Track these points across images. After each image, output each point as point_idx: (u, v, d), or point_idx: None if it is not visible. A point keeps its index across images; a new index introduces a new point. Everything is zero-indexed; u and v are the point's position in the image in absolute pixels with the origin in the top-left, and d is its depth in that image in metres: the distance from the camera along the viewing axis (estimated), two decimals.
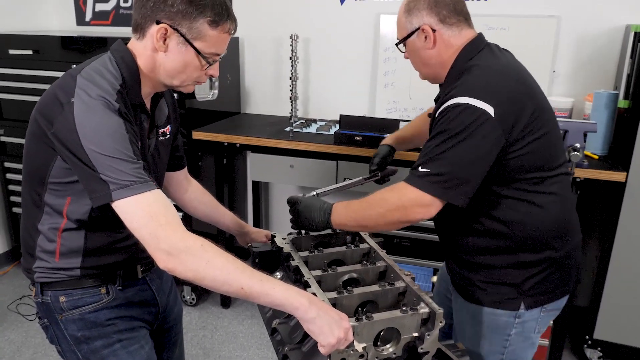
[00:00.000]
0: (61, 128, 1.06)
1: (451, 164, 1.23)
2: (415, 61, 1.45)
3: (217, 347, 2.72)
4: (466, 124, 1.22)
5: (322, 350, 1.04)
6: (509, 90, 1.27)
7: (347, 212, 1.37)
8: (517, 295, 1.38)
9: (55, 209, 1.18)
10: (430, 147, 1.26)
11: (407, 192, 1.26)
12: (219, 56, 1.19)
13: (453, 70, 1.37)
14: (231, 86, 3.10)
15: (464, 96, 1.24)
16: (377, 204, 1.31)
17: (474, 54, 1.35)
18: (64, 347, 1.28)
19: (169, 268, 1.02)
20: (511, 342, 1.43)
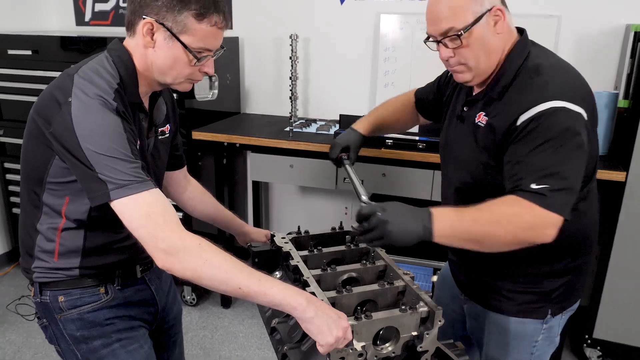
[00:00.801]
0: (59, 128, 1.06)
1: (569, 176, 1.14)
2: (477, 53, 1.23)
3: (218, 346, 2.72)
4: (571, 129, 1.13)
5: (321, 349, 1.04)
6: (589, 93, 1.22)
7: (461, 224, 1.14)
8: (544, 304, 1.37)
9: (53, 209, 1.18)
10: (540, 160, 1.13)
11: (538, 211, 1.11)
12: (210, 52, 1.17)
13: (508, 66, 1.25)
14: (231, 86, 3.10)
15: (557, 100, 1.14)
16: (507, 221, 1.13)
17: (529, 50, 1.26)
18: (63, 346, 1.28)
19: (167, 267, 1.02)
20: (538, 347, 1.42)
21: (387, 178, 2.55)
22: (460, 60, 1.25)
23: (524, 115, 1.17)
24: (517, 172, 1.16)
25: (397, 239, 1.12)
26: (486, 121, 1.28)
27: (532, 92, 1.18)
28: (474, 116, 1.32)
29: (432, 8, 1.25)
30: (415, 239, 1.12)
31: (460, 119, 1.38)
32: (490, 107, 1.28)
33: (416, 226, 1.12)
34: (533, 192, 1.12)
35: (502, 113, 1.24)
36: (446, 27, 1.21)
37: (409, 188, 2.53)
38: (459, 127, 1.39)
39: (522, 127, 1.17)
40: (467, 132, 1.34)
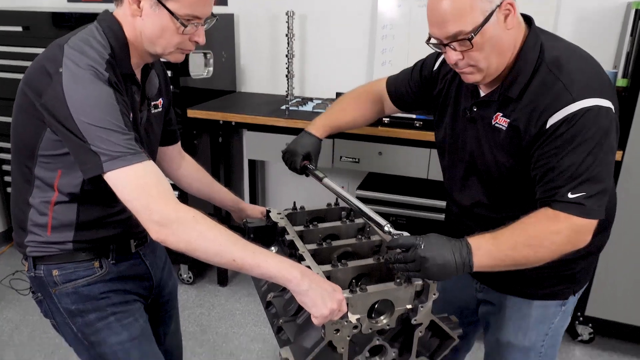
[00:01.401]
0: (50, 99, 1.04)
1: (604, 178, 1.12)
2: (489, 54, 1.14)
3: (214, 324, 2.73)
4: (604, 128, 1.09)
5: (315, 321, 1.04)
6: (608, 79, 1.17)
7: (500, 253, 1.12)
8: (569, 285, 1.37)
9: (46, 182, 1.17)
10: (574, 165, 1.10)
11: (577, 222, 1.11)
12: (199, 20, 1.15)
13: (524, 63, 1.17)
14: (226, 64, 3.07)
15: (586, 98, 1.09)
16: (549, 241, 1.11)
17: (540, 42, 1.18)
18: (58, 320, 1.28)
19: (161, 239, 1.02)
20: (553, 328, 1.43)
21: (383, 157, 2.54)
22: (469, 62, 1.16)
23: (554, 117, 1.11)
24: (551, 180, 1.13)
25: (434, 276, 1.11)
26: (507, 123, 1.20)
27: (559, 91, 1.12)
28: (490, 118, 1.24)
29: (434, 8, 1.12)
30: (452, 275, 1.11)
31: (471, 120, 1.30)
32: (509, 108, 1.21)
33: (454, 263, 1.10)
34: (570, 202, 1.10)
35: (526, 115, 1.16)
36: (453, 30, 1.10)
37: (406, 166, 2.53)
38: (470, 129, 1.31)
39: (553, 131, 1.11)
40: (482, 135, 1.27)
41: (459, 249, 1.11)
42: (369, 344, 1.16)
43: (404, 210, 2.58)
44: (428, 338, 1.24)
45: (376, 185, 2.71)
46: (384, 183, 2.73)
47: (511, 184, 1.26)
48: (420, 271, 1.10)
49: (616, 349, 2.60)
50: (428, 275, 1.11)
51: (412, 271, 1.11)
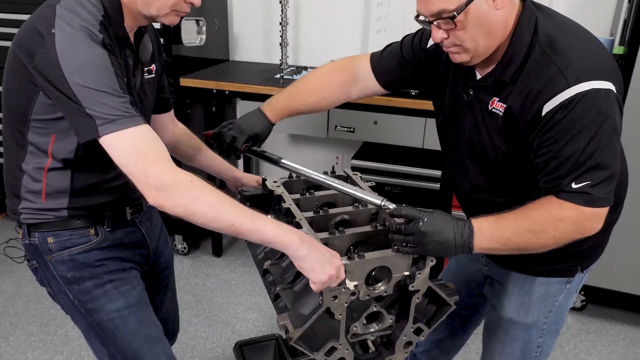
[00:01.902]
0: (42, 61, 1.01)
1: (609, 163, 1.07)
2: (475, 34, 1.09)
3: (209, 294, 2.75)
4: (604, 112, 1.04)
5: (314, 287, 1.04)
6: (609, 57, 1.12)
7: (500, 235, 1.11)
8: (576, 262, 1.34)
9: (39, 148, 1.15)
10: (576, 153, 1.06)
11: (583, 211, 1.08)
12: None
13: (517, 44, 1.11)
14: (219, 32, 3.01)
15: (583, 81, 1.04)
16: (552, 227, 1.09)
17: (535, 21, 1.12)
18: (54, 288, 1.28)
19: (159, 204, 1.00)
20: (557, 305, 1.40)
21: (378, 126, 2.53)
22: (455, 42, 1.11)
23: (549, 103, 1.06)
24: (554, 169, 1.09)
25: (431, 252, 1.11)
26: (504, 109, 1.16)
27: (553, 76, 1.07)
28: (487, 102, 1.20)
29: None
30: (450, 254, 1.11)
31: (468, 104, 1.25)
32: (505, 92, 1.16)
33: (454, 242, 1.10)
34: (574, 192, 1.07)
35: (521, 100, 1.12)
36: (437, 8, 1.06)
37: (401, 136, 2.52)
38: (468, 114, 1.27)
39: (549, 118, 1.07)
40: (480, 120, 1.23)
41: (460, 229, 1.10)
42: (367, 311, 1.17)
43: (400, 179, 2.58)
44: (425, 304, 1.24)
45: (371, 155, 2.70)
46: (379, 152, 2.72)
47: (510, 170, 1.24)
48: (418, 246, 1.10)
49: (607, 316, 2.65)
50: (426, 251, 1.11)
51: (411, 244, 1.10)
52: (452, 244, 1.10)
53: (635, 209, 2.34)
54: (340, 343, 1.15)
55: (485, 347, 1.59)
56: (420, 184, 2.55)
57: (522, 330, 1.43)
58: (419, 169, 2.54)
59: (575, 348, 2.44)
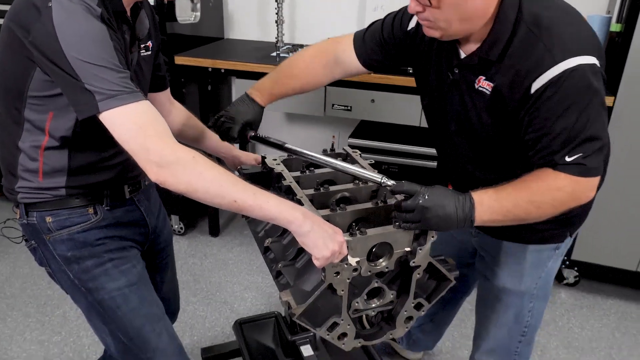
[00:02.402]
0: (39, 35, 0.98)
1: (599, 135, 1.10)
2: (449, 16, 1.10)
3: (207, 274, 2.76)
4: (592, 86, 1.07)
5: (317, 263, 1.05)
6: (593, 34, 1.14)
7: (501, 207, 1.13)
8: (565, 228, 1.38)
9: (36, 126, 1.13)
10: (567, 128, 1.08)
11: (578, 181, 1.11)
12: None
13: (502, 24, 1.12)
14: (213, 9, 2.97)
15: (569, 57, 1.06)
16: (550, 197, 1.13)
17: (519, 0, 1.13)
18: (54, 267, 1.27)
19: (161, 180, 0.99)
20: (547, 270, 1.45)
21: (375, 104, 2.51)
22: (429, 17, 1.13)
23: (538, 81, 1.09)
24: (546, 145, 1.11)
25: (433, 227, 1.12)
26: (491, 87, 1.18)
27: (540, 54, 1.08)
28: (473, 81, 1.22)
29: None
30: (452, 228, 1.12)
31: (454, 84, 1.27)
32: (491, 70, 1.17)
33: (456, 216, 1.11)
34: (568, 164, 1.10)
35: (509, 78, 1.14)
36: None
37: (398, 114, 2.51)
38: (455, 93, 1.28)
39: (539, 95, 1.09)
40: (467, 99, 1.25)
41: (462, 203, 1.12)
42: (368, 287, 1.17)
43: (397, 158, 2.58)
44: (425, 280, 1.25)
45: (368, 134, 2.70)
46: (377, 131, 2.71)
47: (499, 146, 1.26)
48: (421, 221, 1.11)
49: (600, 291, 2.69)
50: (429, 225, 1.11)
51: (413, 221, 1.11)
52: (453, 218, 1.11)
53: (628, 187, 2.36)
54: (342, 319, 1.16)
55: (479, 318, 1.64)
56: (418, 162, 2.55)
57: (514, 297, 1.49)
58: (416, 147, 2.54)
59: (568, 322, 2.48)
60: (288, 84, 1.48)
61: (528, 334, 1.55)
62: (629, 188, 2.37)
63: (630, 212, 2.41)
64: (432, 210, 1.10)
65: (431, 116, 1.43)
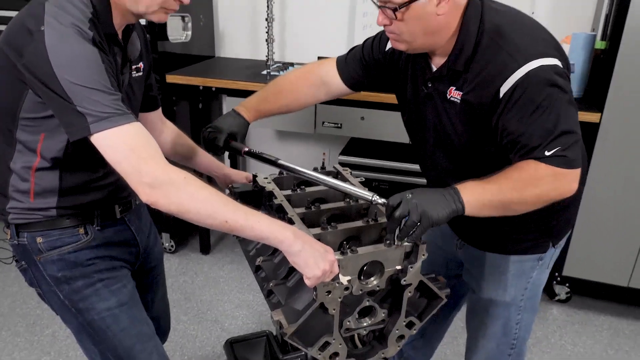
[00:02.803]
0: (32, 58, 1.00)
1: (572, 129, 1.14)
2: (413, 30, 1.17)
3: (198, 292, 2.74)
4: (557, 84, 1.12)
5: (308, 282, 1.05)
6: (553, 39, 1.21)
7: (486, 194, 1.15)
8: (547, 238, 1.41)
9: (28, 147, 1.13)
10: (540, 126, 1.12)
11: (558, 172, 1.13)
12: None
13: (465, 35, 1.19)
14: (205, 28, 2.99)
15: (532, 60, 1.12)
16: (533, 185, 1.14)
17: (480, 11, 1.20)
18: (44, 288, 1.26)
19: (152, 201, 1.00)
20: (532, 282, 1.46)
21: (365, 121, 2.53)
22: (395, 30, 1.19)
23: (505, 85, 1.14)
24: (525, 144, 1.15)
25: (432, 217, 1.09)
26: (460, 96, 1.23)
27: (504, 59, 1.14)
28: (444, 92, 1.27)
29: None
30: (449, 212, 1.11)
31: (428, 97, 1.32)
32: (460, 80, 1.23)
33: (446, 200, 1.11)
34: (549, 157, 1.13)
35: (477, 87, 1.19)
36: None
37: (388, 131, 2.53)
38: (429, 105, 1.33)
39: (507, 98, 1.14)
40: (441, 110, 1.30)
41: (446, 190, 1.13)
42: (360, 305, 1.18)
43: (387, 175, 2.59)
44: (416, 298, 1.26)
45: (359, 151, 2.71)
46: (367, 148, 2.73)
47: (476, 154, 1.29)
48: (421, 218, 1.08)
49: (591, 307, 2.70)
50: (427, 218, 1.08)
51: (414, 224, 1.08)
52: (444, 203, 1.11)
53: (618, 202, 2.39)
54: (334, 338, 1.16)
55: (468, 331, 1.67)
56: (408, 179, 2.57)
57: (501, 308, 1.50)
58: (407, 164, 2.55)
59: (561, 339, 2.49)
60: (274, 102, 1.52)
61: (517, 346, 1.56)
62: (619, 203, 2.40)
63: (620, 227, 2.44)
64: (425, 202, 1.09)
65: (411, 131, 1.48)
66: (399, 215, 1.09)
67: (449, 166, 1.38)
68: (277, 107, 1.53)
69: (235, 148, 1.41)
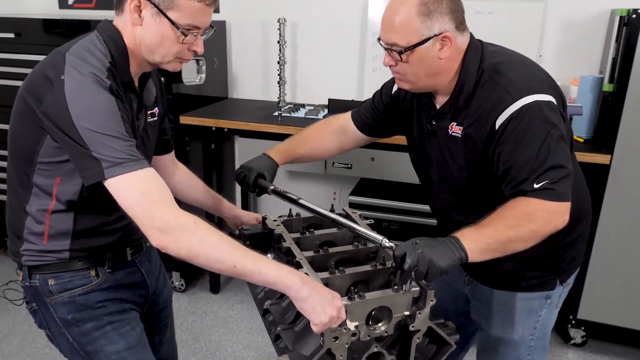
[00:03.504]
0: (51, 106, 1.04)
1: (563, 163, 1.18)
2: (417, 72, 1.26)
3: (207, 331, 2.72)
4: (549, 120, 1.18)
5: (315, 328, 1.05)
6: (550, 78, 1.27)
7: (483, 236, 1.16)
8: (554, 276, 1.42)
9: (44, 190, 1.16)
10: (530, 158, 1.17)
11: (549, 206, 1.16)
12: (199, 30, 1.16)
13: (466, 75, 1.26)
14: (218, 70, 3.07)
15: (527, 95, 1.19)
16: (527, 221, 1.16)
17: (480, 53, 1.28)
18: (53, 330, 1.27)
19: (162, 246, 1.02)
20: (541, 321, 1.46)
21: (375, 162, 2.55)
22: (400, 71, 1.28)
23: (500, 118, 1.20)
24: (515, 175, 1.19)
25: (441, 266, 1.09)
26: (461, 131, 1.29)
27: (500, 94, 1.21)
28: (446, 128, 1.33)
29: (386, 15, 1.25)
30: (456, 261, 1.12)
31: (432, 134, 1.38)
32: (460, 116, 1.29)
33: (450, 250, 1.12)
34: (536, 190, 1.16)
35: (476, 121, 1.26)
36: (391, 40, 1.23)
37: (399, 172, 2.54)
38: (433, 142, 1.39)
39: (502, 131, 1.20)
40: (443, 146, 1.35)
41: (448, 240, 1.15)
42: (367, 351, 1.17)
43: (397, 215, 2.59)
44: (425, 344, 1.24)
45: (368, 191, 2.73)
46: (377, 189, 2.74)
47: (478, 189, 1.34)
48: (429, 270, 1.09)
49: (608, 352, 2.62)
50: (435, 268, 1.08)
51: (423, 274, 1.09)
52: (449, 252, 1.12)
53: (632, 245, 2.36)
54: None
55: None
56: (418, 220, 2.56)
57: (510, 347, 1.50)
58: (416, 205, 2.56)
59: None
60: (300, 146, 1.65)
61: None
62: (633, 244, 2.37)
63: (635, 269, 2.39)
64: (431, 252, 1.10)
65: (417, 168, 1.54)
66: (409, 267, 1.09)
67: (452, 200, 1.42)
68: (302, 151, 1.64)
69: (262, 186, 1.50)
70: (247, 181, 1.49)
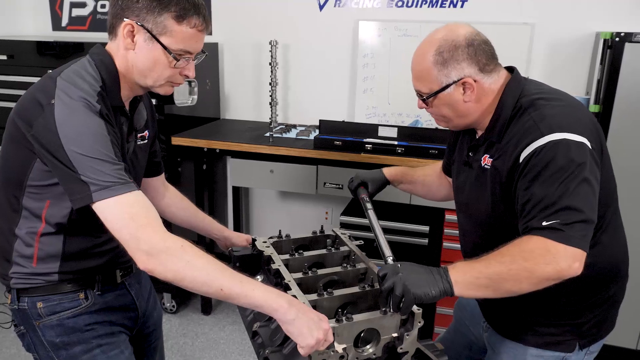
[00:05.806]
0: (41, 129, 1.05)
1: (581, 208, 1.09)
2: (446, 114, 1.28)
3: (198, 354, 2.70)
4: (576, 161, 1.10)
5: (302, 351, 1.05)
6: (591, 121, 1.20)
7: (473, 269, 1.12)
8: (573, 337, 1.30)
9: (33, 213, 1.17)
10: (547, 194, 1.10)
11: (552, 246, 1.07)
12: (191, 55, 1.18)
13: (503, 111, 1.24)
14: (210, 92, 3.10)
15: (556, 132, 1.12)
16: (522, 258, 1.09)
17: (521, 88, 1.25)
18: (41, 354, 1.26)
19: (149, 269, 1.02)
20: None
21: None
22: (431, 113, 1.33)
23: (526, 151, 1.16)
24: (528, 211, 1.13)
25: (416, 293, 1.09)
26: (491, 163, 1.27)
27: (529, 127, 1.17)
28: (480, 160, 1.31)
29: (412, 64, 1.30)
30: (437, 292, 1.10)
31: (467, 164, 1.37)
32: (493, 149, 1.27)
33: (434, 279, 1.11)
34: (545, 228, 1.09)
35: (504, 153, 1.22)
36: (417, 87, 1.30)
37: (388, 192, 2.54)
38: (466, 173, 1.38)
39: (525, 163, 1.15)
40: (474, 177, 1.34)
41: (436, 270, 1.14)
42: None
43: (388, 235, 2.58)
44: None
45: (359, 211, 2.72)
46: None
47: (501, 227, 1.27)
48: (404, 295, 1.09)
49: None
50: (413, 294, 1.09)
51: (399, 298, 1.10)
52: (433, 280, 1.11)
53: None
54: None
55: None
56: (409, 239, 2.57)
57: None
58: (407, 225, 2.57)
59: None
60: (416, 172, 1.74)
61: None
62: None
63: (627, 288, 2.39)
64: (410, 278, 1.11)
65: (455, 196, 1.49)
66: (385, 289, 1.12)
67: (477, 233, 1.38)
68: (411, 176, 1.73)
69: (357, 193, 1.65)
70: (349, 186, 1.67)
